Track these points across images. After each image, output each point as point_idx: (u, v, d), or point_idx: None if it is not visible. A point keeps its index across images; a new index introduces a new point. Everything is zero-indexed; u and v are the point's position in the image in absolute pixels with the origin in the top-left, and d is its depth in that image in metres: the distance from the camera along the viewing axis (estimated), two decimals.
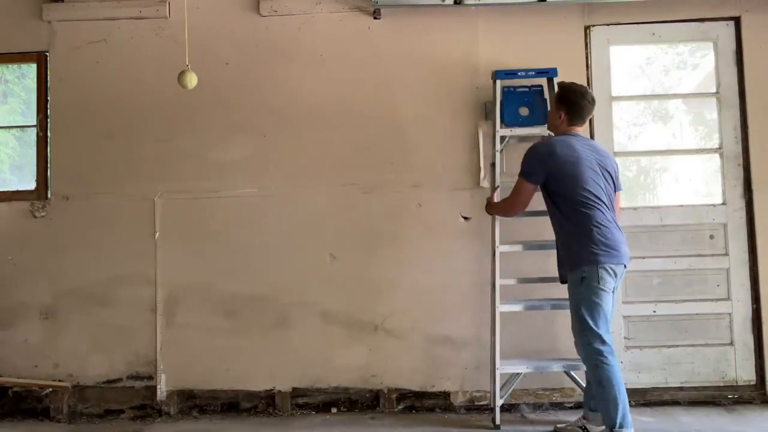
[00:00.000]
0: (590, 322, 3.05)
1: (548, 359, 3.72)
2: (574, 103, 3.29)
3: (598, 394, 3.09)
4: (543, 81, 3.83)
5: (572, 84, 3.36)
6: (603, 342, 3.04)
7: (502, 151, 3.76)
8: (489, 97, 3.94)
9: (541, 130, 3.71)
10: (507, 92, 3.82)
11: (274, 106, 4.06)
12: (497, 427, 3.51)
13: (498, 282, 3.58)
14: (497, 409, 3.51)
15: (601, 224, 3.11)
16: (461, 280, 3.93)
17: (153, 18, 4.11)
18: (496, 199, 3.62)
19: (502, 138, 3.75)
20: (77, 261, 4.05)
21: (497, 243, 3.61)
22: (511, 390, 3.64)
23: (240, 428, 3.75)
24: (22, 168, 4.39)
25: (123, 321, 4.01)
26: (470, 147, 3.98)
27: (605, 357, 3.03)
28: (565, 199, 3.17)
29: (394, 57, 4.04)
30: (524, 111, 3.81)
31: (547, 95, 3.81)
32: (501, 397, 3.53)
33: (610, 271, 3.08)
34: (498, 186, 3.66)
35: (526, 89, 3.84)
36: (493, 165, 3.75)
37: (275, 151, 4.05)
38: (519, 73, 3.78)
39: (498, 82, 3.77)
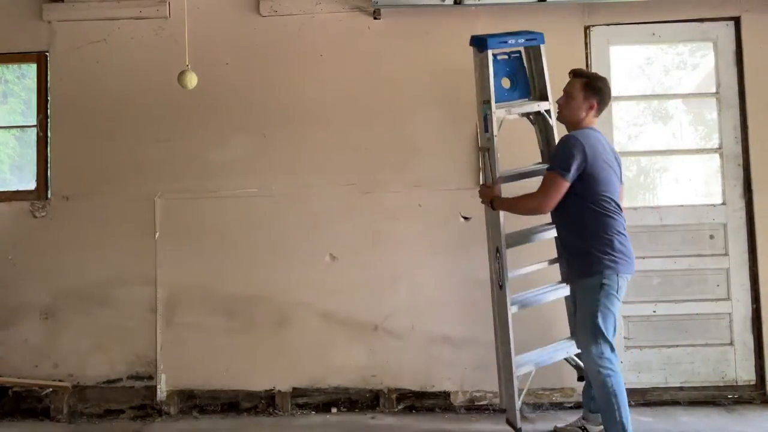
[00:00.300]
0: (604, 331, 2.97)
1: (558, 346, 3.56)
2: (605, 93, 3.13)
3: (606, 402, 2.96)
4: (521, 48, 3.47)
5: (594, 72, 3.21)
6: (613, 350, 2.99)
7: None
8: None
9: (530, 107, 3.45)
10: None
11: (274, 106, 4.06)
12: (518, 430, 3.29)
13: (507, 281, 3.24)
14: (518, 413, 3.28)
15: (621, 233, 3.03)
16: (461, 280, 3.92)
17: (153, 18, 4.11)
18: (500, 192, 3.25)
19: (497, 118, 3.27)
20: (77, 261, 4.05)
21: (503, 240, 3.23)
22: (525, 390, 3.44)
23: (240, 428, 3.76)
24: (22, 168, 4.39)
25: (123, 321, 4.01)
26: (470, 147, 3.98)
27: (615, 365, 2.98)
28: (586, 201, 3.01)
29: (394, 57, 4.04)
30: (506, 83, 3.42)
31: (526, 64, 3.48)
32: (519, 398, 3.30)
33: (626, 279, 3.04)
34: (500, 176, 3.29)
35: (506, 57, 3.42)
36: (487, 151, 3.28)
37: (275, 151, 4.05)
38: (509, 41, 3.35)
39: (488, 51, 3.27)
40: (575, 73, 3.21)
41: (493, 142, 3.23)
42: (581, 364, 3.43)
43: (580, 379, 3.45)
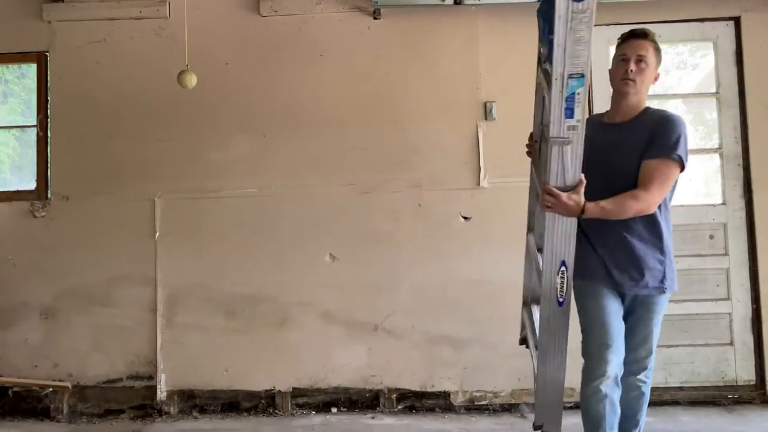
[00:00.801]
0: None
1: None
2: None
3: (638, 409, 2.70)
4: None
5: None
6: None
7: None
8: (490, 96, 3.97)
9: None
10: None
11: (274, 106, 4.06)
12: None
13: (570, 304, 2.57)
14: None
15: None
16: (461, 279, 3.93)
17: (153, 18, 4.11)
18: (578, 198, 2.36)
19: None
20: (77, 261, 4.05)
21: (573, 252, 2.47)
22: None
23: (240, 428, 3.76)
24: (22, 168, 4.38)
25: (123, 321, 4.01)
26: (470, 147, 3.98)
27: None
28: (671, 196, 2.62)
29: (394, 57, 4.04)
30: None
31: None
32: None
33: None
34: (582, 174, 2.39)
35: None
36: (567, 144, 2.34)
37: (275, 151, 4.05)
38: None
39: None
40: (641, 34, 2.57)
41: (579, 131, 2.34)
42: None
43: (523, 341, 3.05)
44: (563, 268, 2.51)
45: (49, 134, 4.13)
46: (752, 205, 3.94)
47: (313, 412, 3.94)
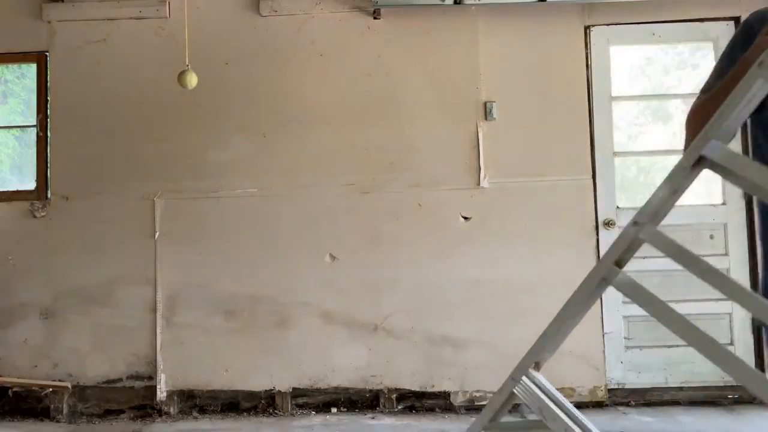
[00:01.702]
0: None
1: None
2: None
3: None
4: None
5: None
6: None
7: None
8: (490, 96, 3.97)
9: None
10: None
11: (274, 106, 4.06)
12: None
13: None
14: None
15: None
16: (461, 279, 3.92)
17: (153, 18, 4.11)
18: None
19: None
20: (77, 261, 4.05)
21: None
22: None
23: (240, 428, 3.75)
24: (22, 168, 4.38)
25: (123, 321, 4.01)
26: (470, 147, 3.98)
27: None
28: None
29: (394, 57, 4.04)
30: None
31: None
32: None
33: None
34: None
35: None
36: None
37: (275, 151, 4.05)
38: None
39: None
40: None
41: None
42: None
43: None
44: None
45: (48, 134, 4.13)
46: (752, 205, 3.93)
47: (313, 412, 3.93)
